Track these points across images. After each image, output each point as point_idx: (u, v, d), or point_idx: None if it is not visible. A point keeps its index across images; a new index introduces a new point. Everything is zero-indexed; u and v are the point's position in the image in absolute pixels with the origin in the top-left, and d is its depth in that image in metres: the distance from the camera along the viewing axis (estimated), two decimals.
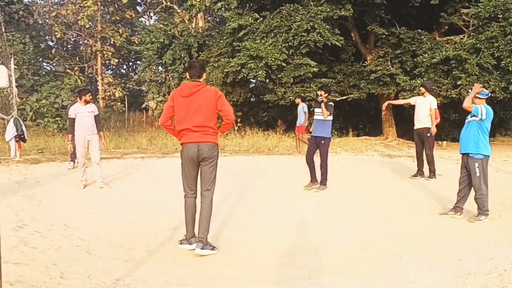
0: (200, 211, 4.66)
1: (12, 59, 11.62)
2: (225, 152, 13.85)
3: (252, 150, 14.20)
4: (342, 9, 15.60)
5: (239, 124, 18.61)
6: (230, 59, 16.89)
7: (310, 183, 8.05)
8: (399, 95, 15.79)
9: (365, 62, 17.72)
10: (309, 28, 15.32)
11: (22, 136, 9.18)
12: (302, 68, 16.01)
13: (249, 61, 15.72)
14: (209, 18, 25.99)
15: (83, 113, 7.89)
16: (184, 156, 4.65)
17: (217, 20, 27.39)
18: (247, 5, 17.82)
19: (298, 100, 13.63)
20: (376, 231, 5.55)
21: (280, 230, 5.58)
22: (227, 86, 17.74)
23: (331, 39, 15.54)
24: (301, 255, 4.72)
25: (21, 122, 10.53)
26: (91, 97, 8.20)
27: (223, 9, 17.54)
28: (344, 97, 17.32)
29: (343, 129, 19.06)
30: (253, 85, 21.14)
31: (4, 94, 10.29)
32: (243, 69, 16.05)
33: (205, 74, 4.77)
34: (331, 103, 7.81)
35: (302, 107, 13.20)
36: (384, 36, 16.29)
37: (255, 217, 6.26)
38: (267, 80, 17.18)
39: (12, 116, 9.94)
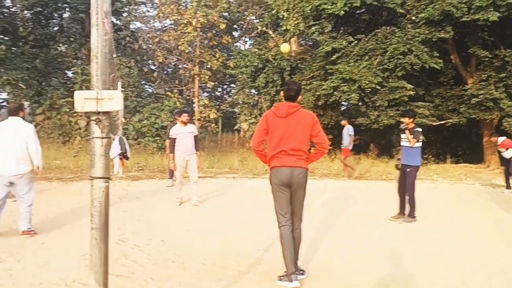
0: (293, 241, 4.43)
1: (120, 82, 12.55)
2: (314, 175, 13.75)
3: (343, 174, 13.94)
4: (442, 31, 15.01)
5: (329, 147, 18.39)
6: (323, 82, 16.88)
7: (397, 214, 7.57)
8: (503, 121, 14.74)
9: (466, 85, 16.80)
10: (406, 50, 14.93)
11: (125, 154, 9.77)
12: (398, 91, 15.58)
13: (342, 84, 15.62)
14: (301, 41, 26.24)
15: (183, 133, 8.29)
16: (275, 181, 4.38)
17: (310, 43, 27.56)
18: (341, 28, 17.80)
19: (344, 122, 13.24)
20: (474, 264, 5.17)
21: (372, 259, 5.38)
22: (319, 108, 17.71)
23: (429, 62, 14.99)
24: (397, 286, 4.51)
25: (125, 141, 11.26)
26: (187, 117, 8.49)
27: (317, 33, 17.66)
28: (442, 122, 16.53)
29: (441, 155, 18.12)
30: (345, 108, 20.90)
31: (111, 115, 11.13)
32: (335, 92, 15.96)
33: (300, 96, 4.61)
34: (419, 129, 7.36)
35: (347, 129, 12.84)
36: (487, 58, 15.39)
37: (344, 244, 6.11)
38: (360, 103, 16.90)
39: (118, 135, 10.69)
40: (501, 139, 11.30)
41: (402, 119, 7.65)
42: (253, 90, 23.49)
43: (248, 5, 27.41)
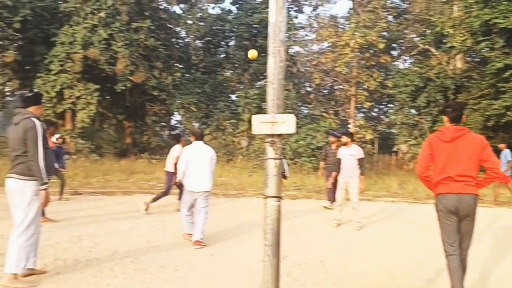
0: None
1: None
2: (483, 202, 12.56)
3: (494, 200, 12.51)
4: None
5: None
6: (493, 101, 15.48)
7: None
8: None
9: None
10: None
11: (284, 174, 10.15)
12: None
13: None
14: (468, 58, 24.47)
15: (345, 155, 8.35)
16: (441, 208, 4.18)
17: (477, 60, 25.55)
18: None
19: (501, 146, 12.44)
20: None
21: None
22: (488, 130, 16.24)
23: None
24: None
25: (284, 161, 11.69)
26: (345, 139, 8.49)
27: (487, 49, 16.35)
28: None
29: None
30: None
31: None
32: (508, 112, 14.50)
33: (464, 115, 4.34)
34: None
35: (505, 155, 12.02)
36: None
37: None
38: None
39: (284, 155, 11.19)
40: None
41: None
42: (412, 110, 22.56)
43: (408, 23, 26.56)
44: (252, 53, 10.98)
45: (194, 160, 6.60)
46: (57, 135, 11.03)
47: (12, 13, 20.41)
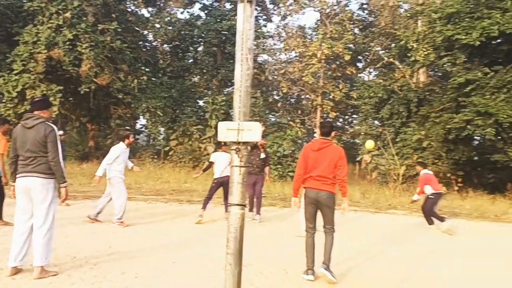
0: None
1: None
2: (443, 214, 12.91)
3: (476, 215, 12.89)
4: None
5: (459, 185, 17.20)
6: (454, 115, 15.95)
7: None
8: None
9: None
10: None
11: None
12: None
13: (476, 118, 14.62)
14: (431, 72, 25.19)
15: None
16: (306, 198, 5.56)
17: (440, 74, 26.34)
18: (476, 59, 16.76)
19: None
20: None
21: None
22: (449, 143, 16.74)
23: None
24: None
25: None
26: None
27: (449, 63, 16.87)
28: None
29: None
30: (478, 143, 19.44)
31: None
32: (468, 126, 14.98)
33: (334, 132, 5.87)
34: None
35: None
36: None
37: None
38: (496, 139, 15.64)
39: None
40: None
41: None
42: (376, 122, 23.01)
43: (374, 36, 27.17)
44: (369, 144, 12.17)
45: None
46: None
47: None
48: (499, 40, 16.43)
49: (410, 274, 6.08)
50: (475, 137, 17.74)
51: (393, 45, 24.23)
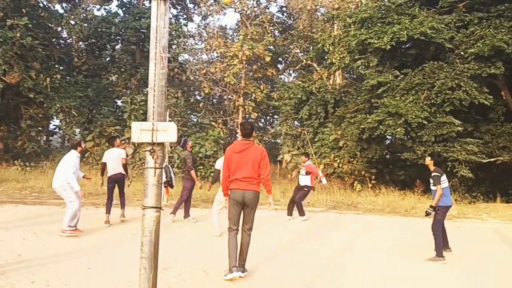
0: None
1: (167, 112, 12.93)
2: (358, 210, 13.52)
3: (388, 210, 13.62)
4: (492, 67, 14.64)
5: (373, 181, 18.10)
6: (367, 115, 16.73)
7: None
8: None
9: None
10: (454, 85, 14.62)
11: (171, 183, 9.95)
12: (445, 126, 15.18)
13: (387, 118, 15.41)
14: (346, 75, 26.29)
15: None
16: (231, 199, 5.63)
17: (354, 76, 27.57)
18: (387, 62, 17.71)
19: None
20: None
21: None
22: (363, 142, 17.52)
23: (479, 97, 14.61)
24: None
25: (171, 170, 11.48)
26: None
27: (362, 66, 17.64)
28: (492, 159, 15.94)
29: (490, 194, 17.39)
30: (389, 142, 20.58)
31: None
32: (380, 126, 15.75)
33: (254, 132, 6.14)
34: (437, 173, 7.22)
35: None
36: None
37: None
38: (406, 138, 16.63)
39: (165, 164, 10.92)
40: None
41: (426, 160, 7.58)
42: (296, 122, 23.59)
43: (293, 38, 27.85)
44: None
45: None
46: None
47: None
48: (408, 45, 17.47)
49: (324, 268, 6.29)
50: (387, 136, 18.67)
51: (311, 47, 24.99)
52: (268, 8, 28.19)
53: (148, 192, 2.91)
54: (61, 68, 25.38)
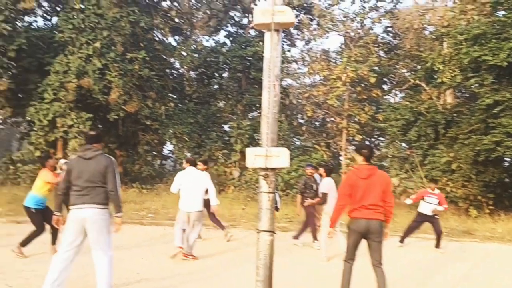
0: None
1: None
2: (474, 237, 12.59)
3: (508, 238, 12.51)
4: None
5: (490, 207, 16.74)
6: (483, 136, 15.66)
7: None
8: None
9: None
10: None
11: (276, 206, 10.10)
12: None
13: (506, 139, 14.32)
14: (458, 94, 24.86)
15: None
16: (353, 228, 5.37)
17: (467, 95, 25.98)
18: (505, 79, 16.50)
19: None
20: None
21: None
22: (478, 164, 16.40)
23: None
24: None
25: (276, 193, 11.66)
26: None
27: (476, 85, 16.65)
28: None
29: None
30: (509, 164, 18.96)
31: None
32: (498, 147, 14.67)
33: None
34: None
35: None
36: None
37: None
38: None
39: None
40: None
41: None
42: (403, 144, 22.73)
43: (399, 58, 27.06)
44: None
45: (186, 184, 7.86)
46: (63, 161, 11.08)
47: (7, 42, 20.51)
48: None
49: None
50: (506, 159, 17.32)
51: (419, 67, 24.09)
52: (373, 29, 27.73)
53: (262, 216, 3.00)
54: (174, 96, 27.20)
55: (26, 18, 24.40)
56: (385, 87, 31.66)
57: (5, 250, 7.60)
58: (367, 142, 36.99)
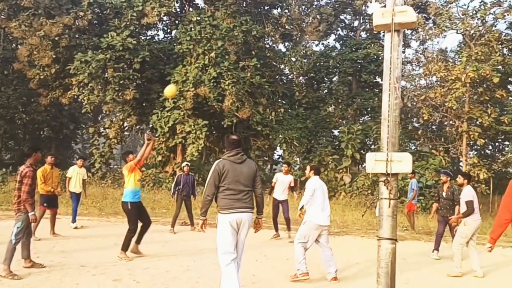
0: None
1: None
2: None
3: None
4: None
5: None
6: None
7: None
8: None
9: None
10: None
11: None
12: None
13: None
14: None
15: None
16: None
17: None
18: None
19: (410, 175, 13.44)
20: None
21: None
22: None
23: None
24: None
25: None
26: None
27: None
28: None
29: None
30: None
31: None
32: None
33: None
34: None
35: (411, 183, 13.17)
36: None
37: None
38: None
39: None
40: None
41: None
42: None
43: None
44: (169, 90, 8.17)
45: (320, 194, 6.99)
46: (185, 163, 11.93)
47: (133, 55, 22.37)
48: None
49: None
50: None
51: None
52: (495, 26, 25.63)
53: (383, 223, 2.91)
54: (284, 102, 27.59)
55: (149, 32, 26.43)
56: (511, 87, 29.10)
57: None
58: (490, 147, 34.31)
